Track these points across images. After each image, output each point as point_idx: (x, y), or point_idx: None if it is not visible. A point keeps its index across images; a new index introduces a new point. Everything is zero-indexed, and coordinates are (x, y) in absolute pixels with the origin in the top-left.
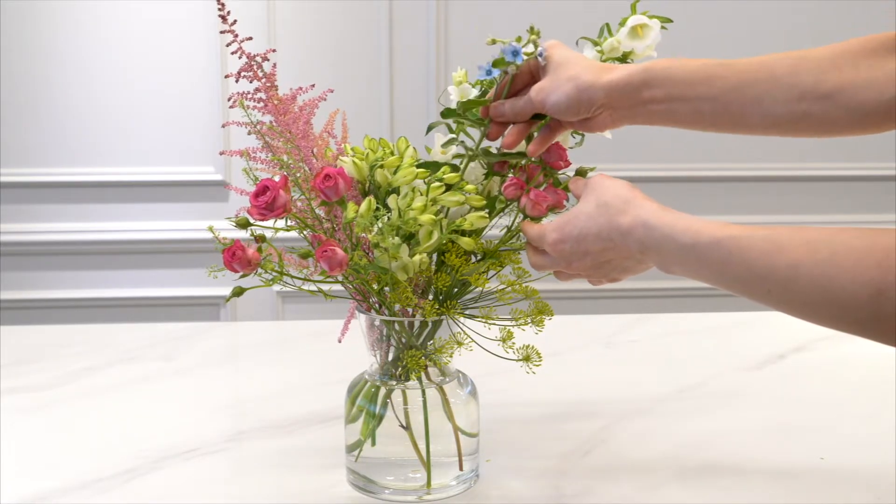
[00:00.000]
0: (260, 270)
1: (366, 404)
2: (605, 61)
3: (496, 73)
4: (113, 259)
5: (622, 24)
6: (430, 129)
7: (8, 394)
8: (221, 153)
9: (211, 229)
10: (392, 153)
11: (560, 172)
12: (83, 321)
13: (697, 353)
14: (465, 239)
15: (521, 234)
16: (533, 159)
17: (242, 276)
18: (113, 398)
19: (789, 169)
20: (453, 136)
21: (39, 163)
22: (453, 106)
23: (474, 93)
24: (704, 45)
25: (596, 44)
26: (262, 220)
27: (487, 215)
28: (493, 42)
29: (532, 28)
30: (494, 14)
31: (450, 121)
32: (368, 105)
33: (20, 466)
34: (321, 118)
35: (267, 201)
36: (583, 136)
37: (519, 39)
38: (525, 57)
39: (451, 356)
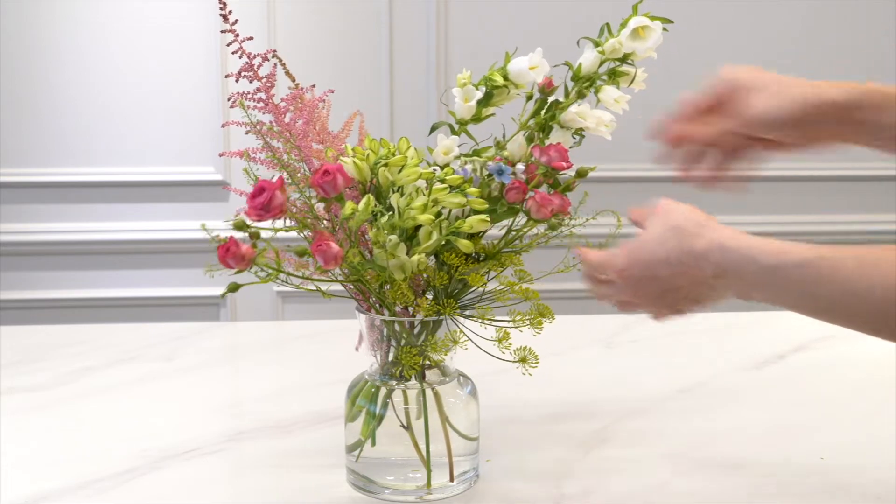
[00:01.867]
0: (255, 268)
1: (366, 404)
2: (604, 62)
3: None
4: (113, 259)
5: (623, 25)
6: (433, 129)
7: (8, 394)
8: (221, 154)
9: (204, 227)
10: (393, 153)
11: (561, 173)
12: (83, 321)
13: (697, 353)
14: (465, 241)
15: (521, 236)
16: (533, 158)
17: (238, 273)
18: (113, 398)
19: (789, 169)
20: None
21: (39, 163)
22: (455, 107)
23: (478, 94)
24: (705, 46)
25: (597, 44)
26: (259, 220)
27: (489, 219)
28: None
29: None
30: (494, 14)
31: (452, 121)
32: (368, 105)
33: (20, 466)
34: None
35: (263, 202)
36: (582, 136)
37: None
38: (511, 177)
39: (445, 353)
